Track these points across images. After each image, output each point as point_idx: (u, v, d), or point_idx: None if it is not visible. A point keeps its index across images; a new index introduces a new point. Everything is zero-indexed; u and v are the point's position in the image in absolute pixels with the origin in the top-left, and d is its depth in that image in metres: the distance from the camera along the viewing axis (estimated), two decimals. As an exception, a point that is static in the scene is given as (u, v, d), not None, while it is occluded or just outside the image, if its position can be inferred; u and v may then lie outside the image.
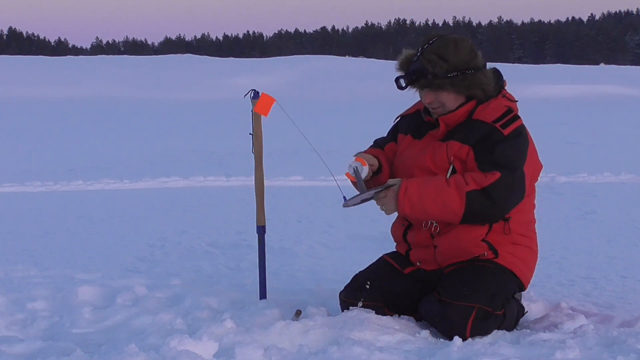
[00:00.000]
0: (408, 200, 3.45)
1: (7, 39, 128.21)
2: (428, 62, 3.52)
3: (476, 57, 3.57)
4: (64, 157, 13.06)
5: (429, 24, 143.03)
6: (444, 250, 3.64)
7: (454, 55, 3.51)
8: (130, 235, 6.55)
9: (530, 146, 3.59)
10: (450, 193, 3.42)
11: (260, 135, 4.01)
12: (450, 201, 3.42)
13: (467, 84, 3.53)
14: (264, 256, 4.08)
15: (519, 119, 3.57)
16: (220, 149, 13.87)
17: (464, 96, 3.58)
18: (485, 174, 3.44)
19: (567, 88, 38.27)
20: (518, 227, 3.64)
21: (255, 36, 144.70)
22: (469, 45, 3.57)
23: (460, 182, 3.44)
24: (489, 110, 3.56)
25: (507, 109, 3.57)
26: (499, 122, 3.51)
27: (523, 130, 3.57)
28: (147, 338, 3.42)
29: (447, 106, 3.58)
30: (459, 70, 3.52)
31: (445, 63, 3.50)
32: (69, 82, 40.01)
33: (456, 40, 3.57)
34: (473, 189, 3.41)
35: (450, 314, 3.47)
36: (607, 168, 10.47)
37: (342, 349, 3.18)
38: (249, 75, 42.67)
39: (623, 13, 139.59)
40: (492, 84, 3.60)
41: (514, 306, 3.67)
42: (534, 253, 3.74)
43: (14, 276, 4.98)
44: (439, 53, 3.51)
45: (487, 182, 3.42)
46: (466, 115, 3.59)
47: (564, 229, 6.58)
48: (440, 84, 3.52)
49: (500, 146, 3.47)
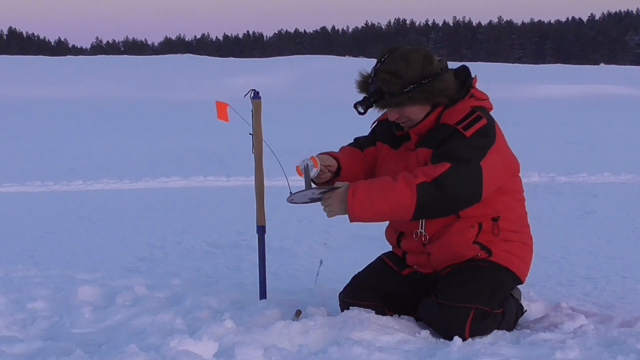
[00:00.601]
0: (358, 202, 3.37)
1: (7, 39, 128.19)
2: (382, 82, 3.48)
3: (431, 65, 3.50)
4: (64, 157, 13.07)
5: (429, 24, 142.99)
6: (437, 256, 3.63)
7: (406, 70, 3.47)
8: (130, 235, 6.55)
9: (498, 145, 3.49)
10: (399, 188, 3.34)
11: (260, 135, 4.01)
12: (400, 196, 3.33)
13: (426, 94, 3.48)
14: (264, 256, 4.08)
15: (483, 119, 3.48)
16: (220, 149, 13.88)
17: (428, 105, 3.53)
18: (435, 166, 3.37)
19: (567, 88, 38.27)
20: (508, 225, 3.61)
21: (255, 36, 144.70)
22: (421, 55, 3.50)
23: (408, 176, 3.37)
24: (454, 113, 3.51)
25: (470, 110, 3.50)
26: (461, 123, 3.45)
27: (487, 131, 3.47)
28: (147, 338, 3.42)
29: (414, 118, 3.55)
30: (414, 82, 3.47)
31: (399, 79, 3.46)
32: (69, 82, 40.02)
33: (407, 52, 3.51)
34: (423, 181, 3.33)
35: (448, 316, 3.47)
36: (607, 168, 10.47)
37: (342, 349, 3.18)
38: (249, 75, 42.68)
39: (623, 13, 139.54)
40: (453, 87, 3.52)
41: (512, 305, 3.66)
42: (529, 247, 3.72)
43: (14, 276, 4.98)
44: (391, 71, 3.47)
45: (436, 172, 3.34)
46: (434, 122, 3.55)
47: (564, 229, 6.58)
48: (399, 101, 3.49)
49: (456, 141, 3.42)
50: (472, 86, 3.62)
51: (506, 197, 3.60)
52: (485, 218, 3.57)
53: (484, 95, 3.65)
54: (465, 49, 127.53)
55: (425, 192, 3.33)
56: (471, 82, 3.62)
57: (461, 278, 3.53)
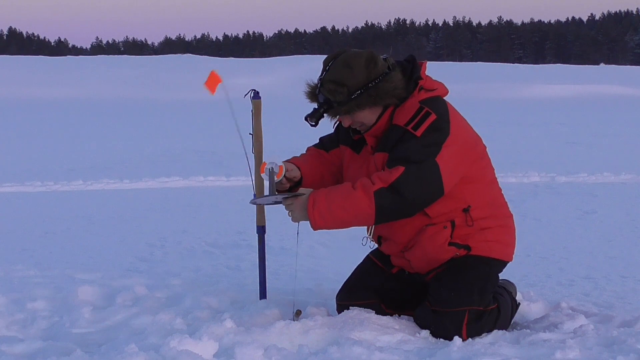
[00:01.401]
0: (318, 212, 3.38)
1: (7, 39, 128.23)
2: (328, 92, 3.44)
3: (375, 67, 3.44)
4: (64, 157, 13.07)
5: (429, 24, 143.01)
6: (416, 263, 3.63)
7: (349, 77, 3.42)
8: (130, 235, 6.55)
9: (456, 134, 3.42)
10: (357, 196, 3.33)
11: (260, 135, 4.01)
12: (359, 204, 3.32)
13: (372, 99, 3.44)
14: (264, 256, 4.08)
15: (431, 115, 3.41)
16: (220, 149, 13.88)
17: (379, 107, 3.49)
18: (390, 171, 3.34)
19: (567, 88, 38.28)
20: (481, 212, 3.55)
21: (255, 36, 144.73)
22: (364, 59, 3.45)
23: (366, 183, 3.35)
24: (403, 113, 3.46)
25: (418, 107, 3.43)
26: (410, 123, 3.40)
27: (438, 125, 3.40)
28: (147, 338, 3.42)
29: (367, 122, 3.52)
30: (360, 88, 3.42)
31: (344, 87, 3.42)
32: (69, 82, 40.03)
33: (348, 59, 3.46)
34: (380, 187, 3.31)
35: (444, 322, 3.47)
36: (607, 168, 10.47)
37: (342, 349, 3.18)
38: (249, 75, 42.70)
39: (623, 13, 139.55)
40: (400, 85, 3.47)
41: (507, 298, 3.67)
42: (508, 227, 3.66)
43: (14, 276, 4.98)
44: (335, 79, 3.43)
45: (392, 177, 3.32)
46: (387, 122, 3.51)
47: (564, 229, 6.58)
48: (348, 109, 3.45)
49: (407, 143, 3.38)
50: (420, 77, 3.52)
51: (473, 184, 3.52)
52: (455, 212, 3.51)
53: (435, 83, 3.57)
54: (465, 49, 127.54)
55: (383, 198, 3.31)
56: (419, 73, 3.53)
57: (449, 281, 3.51)
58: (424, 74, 3.53)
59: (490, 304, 3.54)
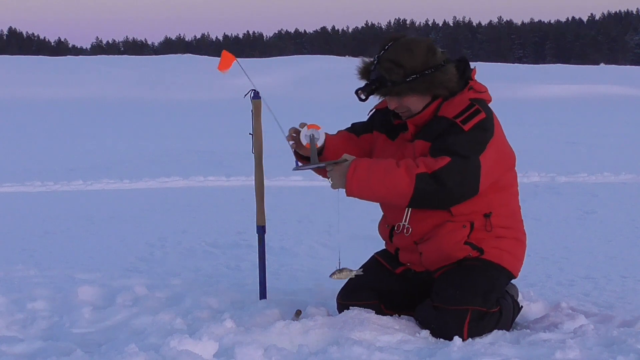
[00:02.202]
0: (357, 179, 3.40)
1: (7, 39, 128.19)
2: (384, 70, 3.48)
3: (434, 56, 3.51)
4: (64, 157, 13.07)
5: (429, 24, 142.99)
6: (428, 256, 3.63)
7: (409, 59, 3.47)
8: (130, 235, 6.55)
9: (497, 138, 3.50)
10: (399, 174, 3.36)
11: (260, 135, 4.01)
12: (399, 182, 3.36)
13: (426, 85, 3.48)
14: (264, 256, 4.08)
15: (481, 113, 3.47)
16: (220, 149, 13.88)
17: (428, 96, 3.54)
18: (435, 159, 3.38)
19: (567, 88, 38.26)
20: (501, 221, 3.60)
21: (255, 36, 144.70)
22: (425, 45, 3.51)
23: (410, 164, 3.38)
24: (452, 106, 3.50)
25: (469, 104, 3.49)
26: (459, 117, 3.45)
27: (485, 124, 3.47)
28: (147, 338, 3.42)
29: (413, 109, 3.55)
30: (416, 73, 3.47)
31: (402, 69, 3.47)
32: (69, 82, 40.02)
33: (410, 42, 3.52)
34: (423, 171, 3.35)
35: (446, 319, 3.47)
36: (607, 168, 10.47)
37: (342, 349, 3.18)
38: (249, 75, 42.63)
39: (623, 13, 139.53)
40: (454, 79, 3.53)
41: (509, 301, 3.67)
42: (521, 243, 3.71)
43: (14, 276, 4.98)
44: (394, 59, 3.48)
45: (437, 165, 3.36)
46: (433, 113, 3.55)
47: (564, 229, 6.58)
48: (400, 90, 3.49)
49: (455, 135, 3.42)
50: (470, 78, 3.61)
51: (500, 192, 3.59)
52: (477, 215, 3.55)
53: (483, 87, 3.64)
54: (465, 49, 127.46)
55: (423, 182, 3.35)
56: (470, 74, 3.61)
57: (455, 279, 3.53)
58: (474, 76, 3.62)
59: (493, 306, 3.54)
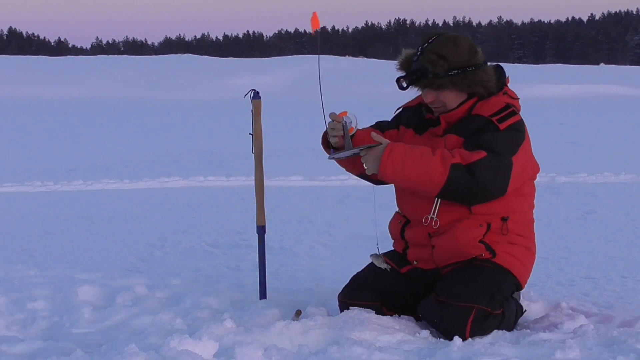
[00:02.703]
0: (391, 162, 3.42)
1: (7, 39, 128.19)
2: (428, 61, 3.51)
3: (476, 54, 3.56)
4: (64, 157, 13.07)
5: (429, 23, 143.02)
6: (441, 250, 3.63)
7: (454, 54, 3.51)
8: (130, 235, 6.55)
9: (526, 144, 3.57)
10: (434, 162, 3.39)
11: (260, 135, 4.01)
12: (433, 169, 3.38)
13: (468, 82, 3.53)
14: (264, 256, 4.08)
15: (517, 115, 3.56)
16: (220, 149, 13.88)
17: (465, 94, 3.58)
18: (471, 152, 3.42)
19: (567, 88, 38.25)
20: (516, 227, 3.63)
21: (255, 36, 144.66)
22: (469, 43, 3.57)
23: (446, 154, 3.42)
24: (488, 105, 3.55)
25: (505, 105, 3.56)
26: (496, 116, 3.51)
27: (520, 127, 3.54)
28: (147, 338, 3.42)
29: (449, 105, 3.59)
30: (459, 68, 3.51)
31: (446, 62, 3.50)
32: (69, 82, 40.01)
33: (456, 38, 3.56)
34: (458, 162, 3.38)
35: (450, 314, 3.46)
36: (607, 168, 10.47)
37: (342, 349, 3.18)
38: (249, 75, 42.66)
39: (623, 13, 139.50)
40: (493, 80, 3.59)
41: (512, 305, 3.67)
42: (532, 253, 3.74)
43: (14, 276, 4.98)
44: (439, 52, 3.51)
45: (472, 158, 3.39)
46: (466, 112, 3.59)
47: (564, 229, 6.58)
48: (442, 83, 3.52)
49: (491, 133, 3.46)
50: (505, 84, 3.67)
51: (520, 198, 3.63)
52: (495, 217, 3.58)
53: (516, 95, 3.70)
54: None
55: (457, 173, 3.38)
56: (505, 80, 3.67)
57: (463, 277, 3.53)
58: (508, 82, 3.68)
59: (497, 308, 3.54)
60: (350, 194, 8.65)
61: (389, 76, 4.06)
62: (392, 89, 3.74)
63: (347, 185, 9.37)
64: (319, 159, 12.23)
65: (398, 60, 3.67)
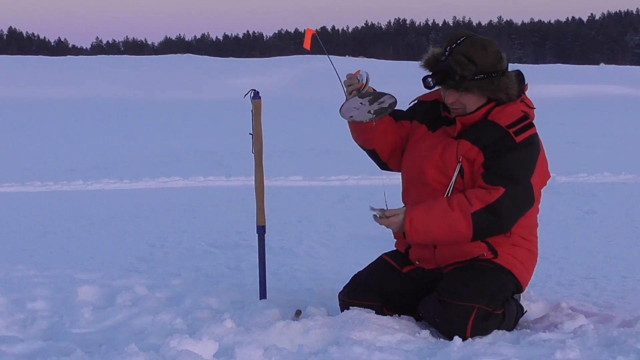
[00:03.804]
0: (415, 231, 3.48)
1: (7, 39, 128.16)
2: (456, 63, 3.49)
3: (502, 61, 3.55)
4: (64, 157, 13.07)
5: (429, 24, 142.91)
6: (443, 249, 3.64)
7: (482, 58, 3.49)
8: (130, 235, 6.55)
9: (541, 156, 3.58)
10: (455, 217, 3.43)
11: (260, 135, 4.01)
12: (457, 225, 3.43)
13: (493, 88, 3.52)
14: (264, 256, 4.08)
15: (533, 127, 3.55)
16: (220, 149, 13.88)
17: (485, 98, 3.57)
18: (489, 191, 3.44)
19: (567, 88, 38.24)
20: (519, 230, 3.64)
21: (255, 36, 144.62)
22: (496, 49, 3.55)
23: (464, 203, 3.43)
24: (505, 114, 3.54)
25: (523, 115, 3.55)
26: (513, 127, 3.50)
27: (535, 140, 3.54)
28: (147, 338, 3.42)
29: (468, 107, 3.57)
30: (486, 73, 3.50)
31: (474, 66, 3.49)
32: (69, 82, 40.00)
33: (484, 42, 3.55)
34: (478, 209, 3.42)
35: (451, 314, 3.47)
36: (607, 168, 10.47)
37: (342, 349, 3.18)
38: (249, 75, 42.67)
39: (623, 13, 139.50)
40: (515, 87, 3.58)
41: (513, 306, 3.67)
42: (534, 256, 3.74)
43: (14, 276, 4.98)
44: (468, 55, 3.49)
45: (492, 199, 3.42)
46: (483, 116, 3.58)
47: (564, 229, 6.57)
48: (468, 86, 3.51)
49: (508, 155, 3.46)
50: (524, 91, 3.67)
51: None
52: None
53: (532, 104, 3.70)
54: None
55: (481, 219, 3.42)
56: (524, 87, 3.67)
57: (465, 277, 3.54)
58: (526, 90, 3.69)
59: (498, 308, 3.54)
60: (350, 194, 8.65)
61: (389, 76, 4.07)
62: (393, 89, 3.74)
63: (347, 185, 9.38)
64: (319, 159, 12.23)
65: (424, 57, 3.64)
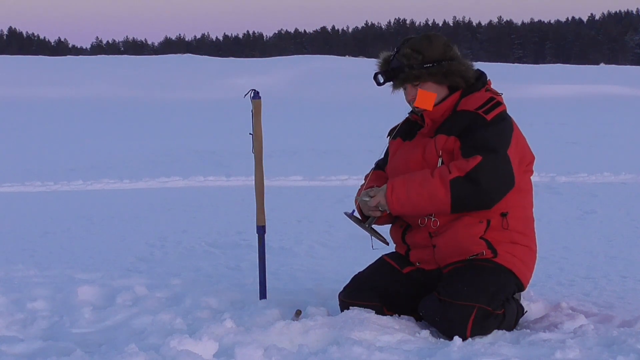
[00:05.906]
0: (396, 197, 3.53)
1: (7, 39, 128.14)
2: (403, 56, 3.61)
3: (451, 50, 3.65)
4: (64, 157, 13.07)
5: (429, 24, 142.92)
6: (442, 249, 3.64)
7: (428, 49, 3.61)
8: (130, 235, 6.55)
9: (517, 134, 3.62)
10: (434, 184, 3.47)
11: (260, 135, 4.01)
12: (436, 192, 3.46)
13: (444, 72, 3.60)
14: (264, 256, 4.08)
15: (502, 105, 3.62)
16: (220, 149, 13.88)
17: (445, 88, 3.64)
18: (467, 160, 3.47)
19: (567, 88, 38.26)
20: (516, 224, 3.64)
21: (255, 36, 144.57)
22: (443, 40, 3.67)
23: (443, 171, 3.48)
24: (472, 100, 3.61)
25: (489, 98, 3.62)
26: (481, 108, 3.57)
27: (507, 116, 3.62)
28: (147, 338, 3.43)
29: None
30: (434, 61, 3.60)
31: (420, 55, 3.60)
32: (69, 82, 40.03)
33: (430, 35, 3.68)
34: (456, 176, 3.45)
35: (451, 313, 3.47)
36: (607, 168, 10.47)
37: (342, 349, 3.18)
38: (249, 75, 42.69)
39: (623, 13, 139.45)
40: (471, 71, 3.65)
41: (513, 306, 3.67)
42: (533, 252, 3.74)
43: (14, 276, 4.98)
44: (413, 47, 3.62)
45: (469, 166, 3.45)
46: (451, 108, 3.64)
47: (564, 229, 6.57)
48: (418, 74, 3.59)
49: (481, 130, 3.51)
50: (486, 83, 3.72)
51: (518, 194, 3.64)
52: (494, 214, 3.59)
53: (499, 92, 3.74)
54: (465, 49, 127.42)
55: (459, 187, 3.44)
56: (486, 79, 3.74)
57: (465, 276, 3.54)
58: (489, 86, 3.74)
59: (498, 308, 3.54)
60: (350, 194, 8.61)
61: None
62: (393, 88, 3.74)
63: (347, 185, 9.37)
64: (319, 159, 12.24)
65: (377, 63, 3.76)
